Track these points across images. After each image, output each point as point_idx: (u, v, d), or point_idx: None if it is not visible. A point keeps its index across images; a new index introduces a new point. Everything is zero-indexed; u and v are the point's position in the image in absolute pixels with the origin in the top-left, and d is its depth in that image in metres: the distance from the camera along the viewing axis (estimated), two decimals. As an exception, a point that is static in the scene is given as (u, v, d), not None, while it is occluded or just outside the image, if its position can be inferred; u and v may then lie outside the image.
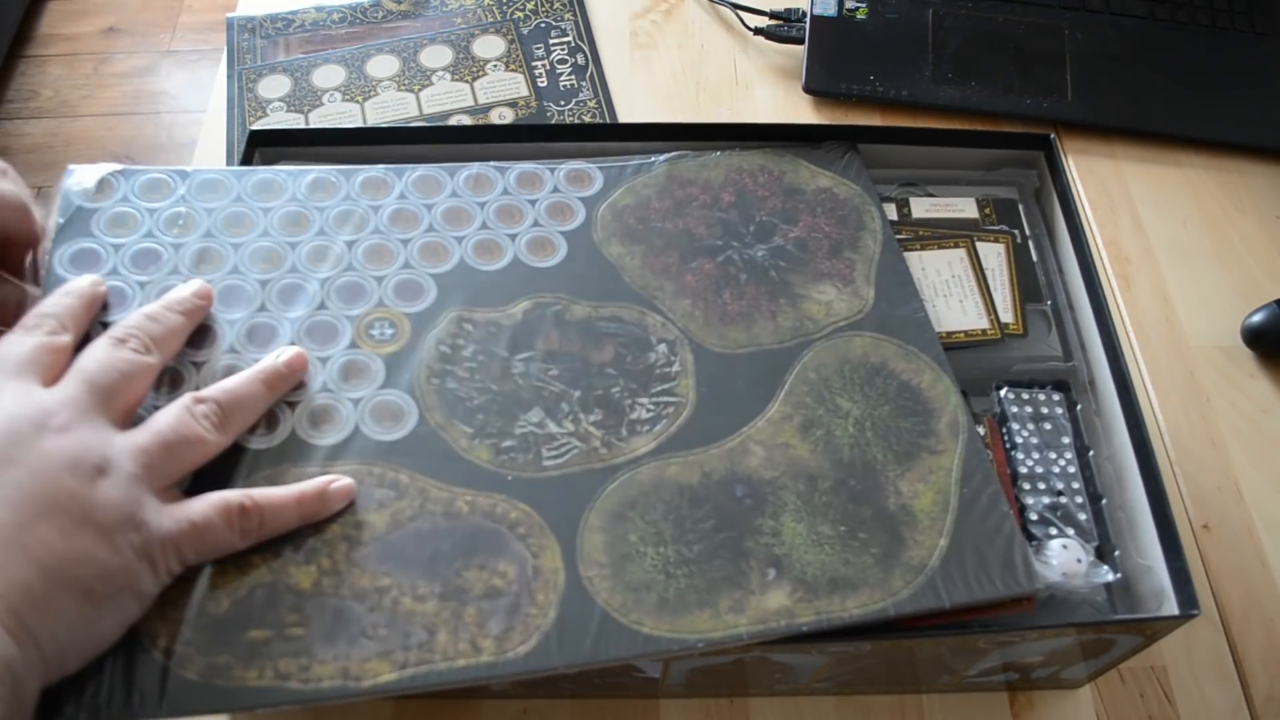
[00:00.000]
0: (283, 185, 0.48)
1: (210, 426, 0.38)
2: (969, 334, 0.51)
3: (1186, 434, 0.58)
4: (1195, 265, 0.65)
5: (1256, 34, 0.73)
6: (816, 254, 0.51)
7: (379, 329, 0.44)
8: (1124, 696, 0.50)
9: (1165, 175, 0.69)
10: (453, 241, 0.48)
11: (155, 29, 1.81)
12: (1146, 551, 0.45)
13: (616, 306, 0.47)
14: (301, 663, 0.36)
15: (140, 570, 0.35)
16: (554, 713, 0.49)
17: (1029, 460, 0.48)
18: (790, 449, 0.44)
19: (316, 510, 0.39)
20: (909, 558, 0.42)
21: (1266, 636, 0.52)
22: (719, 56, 0.74)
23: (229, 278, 0.45)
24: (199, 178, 0.48)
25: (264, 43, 0.72)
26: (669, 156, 0.53)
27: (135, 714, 0.34)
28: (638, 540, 0.41)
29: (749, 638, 0.39)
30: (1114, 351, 0.49)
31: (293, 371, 0.42)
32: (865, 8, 0.73)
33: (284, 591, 0.37)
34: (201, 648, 0.36)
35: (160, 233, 0.45)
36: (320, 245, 0.47)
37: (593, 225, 0.50)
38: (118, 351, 0.38)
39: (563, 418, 0.43)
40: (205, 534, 0.36)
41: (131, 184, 0.47)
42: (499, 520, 0.40)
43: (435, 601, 0.38)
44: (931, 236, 0.54)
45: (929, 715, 0.50)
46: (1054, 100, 0.70)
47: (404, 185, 0.49)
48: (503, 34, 0.73)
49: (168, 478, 0.37)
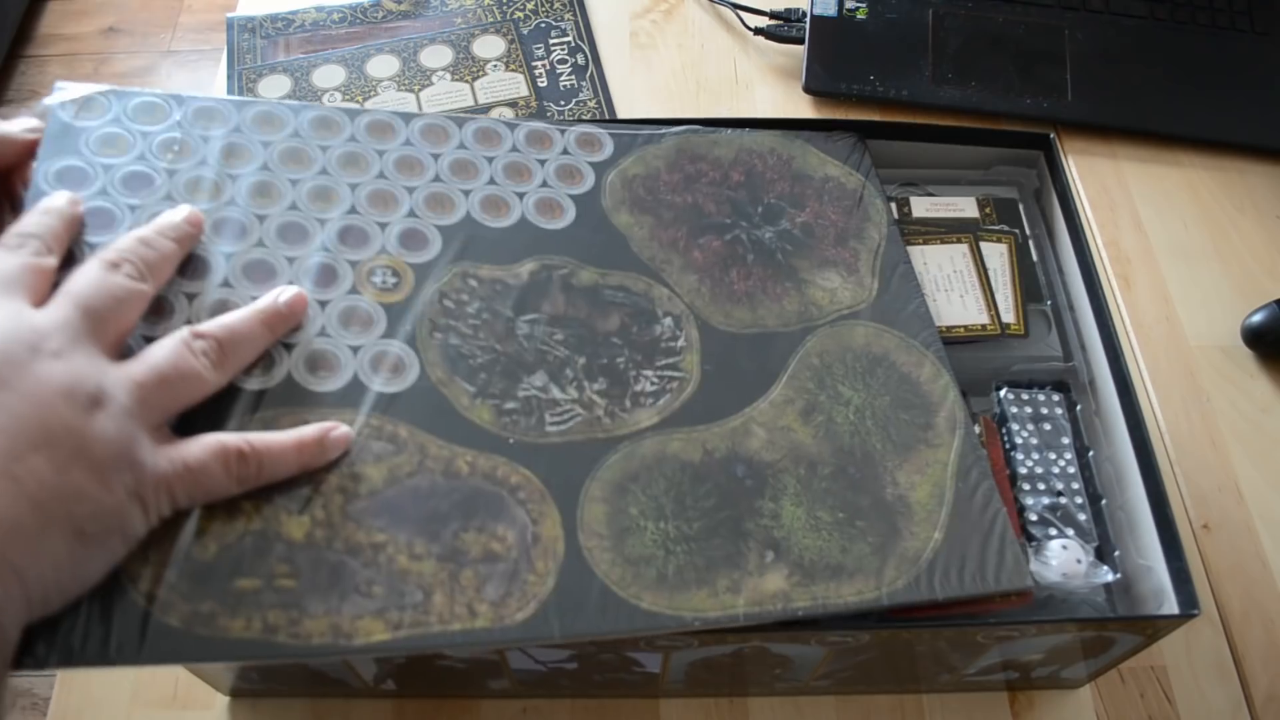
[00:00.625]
0: (284, 120, 0.46)
1: (208, 364, 0.36)
2: (969, 329, 0.51)
3: (1186, 434, 0.58)
4: (1195, 265, 0.65)
5: (1256, 34, 0.73)
6: (823, 241, 0.51)
7: (381, 276, 0.43)
8: (1124, 696, 0.50)
9: (1165, 175, 0.69)
10: (459, 194, 0.47)
11: (155, 29, 1.81)
12: (1146, 551, 0.45)
13: (623, 276, 0.47)
14: (291, 615, 0.35)
15: (131, 511, 0.33)
16: (554, 713, 0.49)
17: (1029, 460, 0.48)
18: (792, 432, 0.44)
19: (315, 458, 0.38)
20: (904, 548, 0.42)
21: (1266, 636, 0.52)
22: (719, 56, 0.74)
23: (225, 209, 0.43)
24: (195, 104, 0.45)
25: (264, 43, 0.72)
26: (679, 130, 0.53)
27: (112, 659, 0.33)
28: (638, 514, 0.40)
29: (745, 619, 0.39)
30: (1114, 351, 0.49)
31: (293, 313, 0.40)
32: (865, 8, 0.73)
33: (275, 541, 0.36)
34: (186, 594, 0.34)
35: (153, 156, 0.43)
36: (322, 185, 0.45)
37: (602, 192, 0.49)
38: (111, 276, 0.36)
39: (567, 384, 0.43)
40: (200, 478, 0.35)
41: (124, 105, 0.44)
42: (499, 483, 0.40)
43: (432, 561, 0.37)
44: (934, 231, 0.55)
45: (929, 715, 0.50)
46: (1054, 100, 0.70)
47: (410, 132, 0.48)
48: (503, 34, 0.73)
49: (162, 414, 0.35)
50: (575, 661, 0.44)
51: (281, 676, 0.46)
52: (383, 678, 0.46)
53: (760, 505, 0.42)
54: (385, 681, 0.47)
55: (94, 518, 0.32)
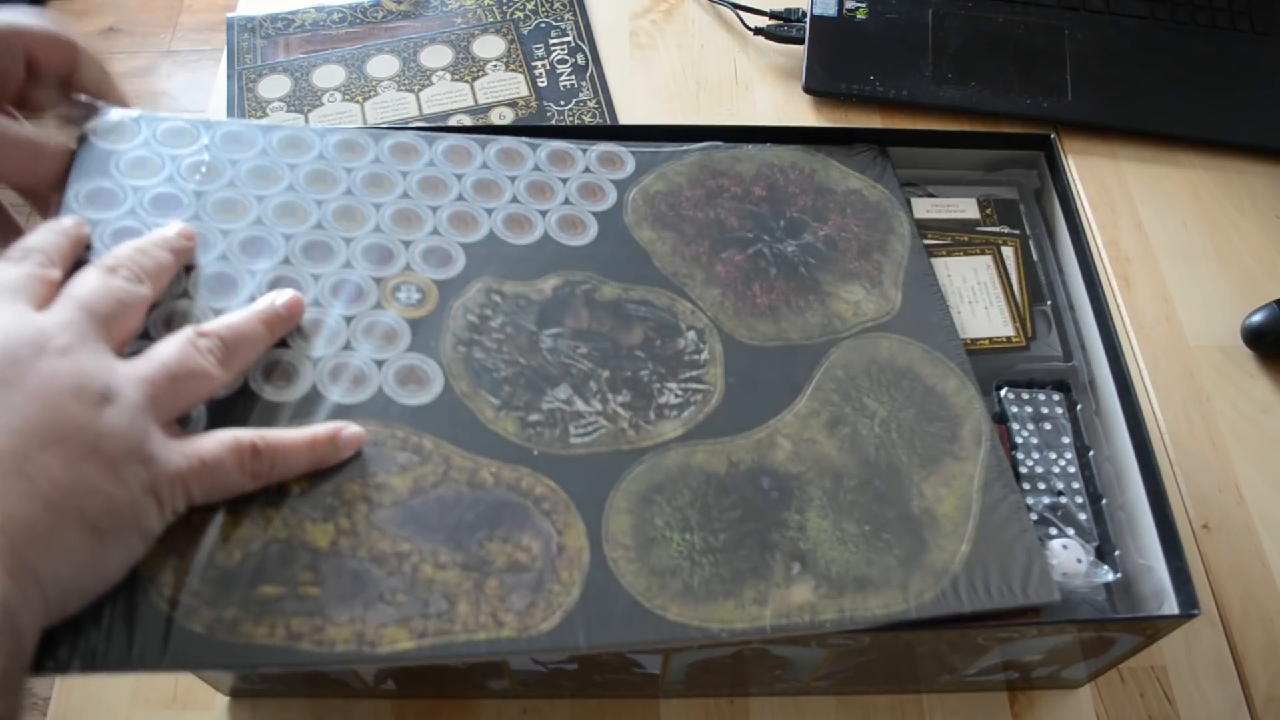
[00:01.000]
0: (309, 143, 0.47)
1: (214, 361, 0.37)
2: (993, 341, 0.51)
3: (1186, 434, 0.58)
4: (1195, 265, 0.65)
5: (1256, 34, 0.73)
6: (846, 254, 0.51)
7: (405, 293, 0.44)
8: (1124, 696, 0.50)
9: (1165, 175, 0.69)
10: (483, 213, 0.47)
11: (155, 29, 1.81)
12: (1146, 551, 0.45)
13: (646, 290, 0.47)
14: (315, 623, 0.35)
15: (147, 506, 0.33)
16: (554, 713, 0.49)
17: (1029, 460, 0.48)
18: (817, 445, 0.44)
19: (327, 456, 0.38)
20: (931, 561, 0.42)
21: (1266, 636, 0.52)
22: (719, 56, 0.74)
23: (252, 229, 0.44)
24: (224, 129, 0.46)
25: (264, 43, 0.72)
26: (701, 146, 0.53)
27: (134, 664, 0.33)
28: (664, 525, 0.40)
29: (773, 631, 0.39)
30: (1114, 351, 0.49)
31: (291, 314, 0.41)
32: (865, 8, 0.73)
33: (299, 549, 0.36)
34: (209, 600, 0.35)
35: (181, 179, 0.44)
36: (347, 205, 0.46)
37: (624, 208, 0.50)
38: (111, 280, 0.37)
39: (591, 396, 0.43)
40: (215, 473, 0.35)
41: (154, 129, 0.45)
42: (524, 494, 0.40)
43: (457, 571, 0.37)
44: (955, 244, 0.55)
45: (929, 715, 0.50)
46: (1054, 100, 0.70)
47: (433, 153, 0.49)
48: (503, 34, 0.73)
49: (172, 411, 0.35)
50: (575, 662, 0.44)
51: (282, 677, 0.46)
52: (383, 678, 0.46)
53: (786, 517, 0.42)
54: (385, 682, 0.47)
55: (108, 514, 0.32)
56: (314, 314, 0.42)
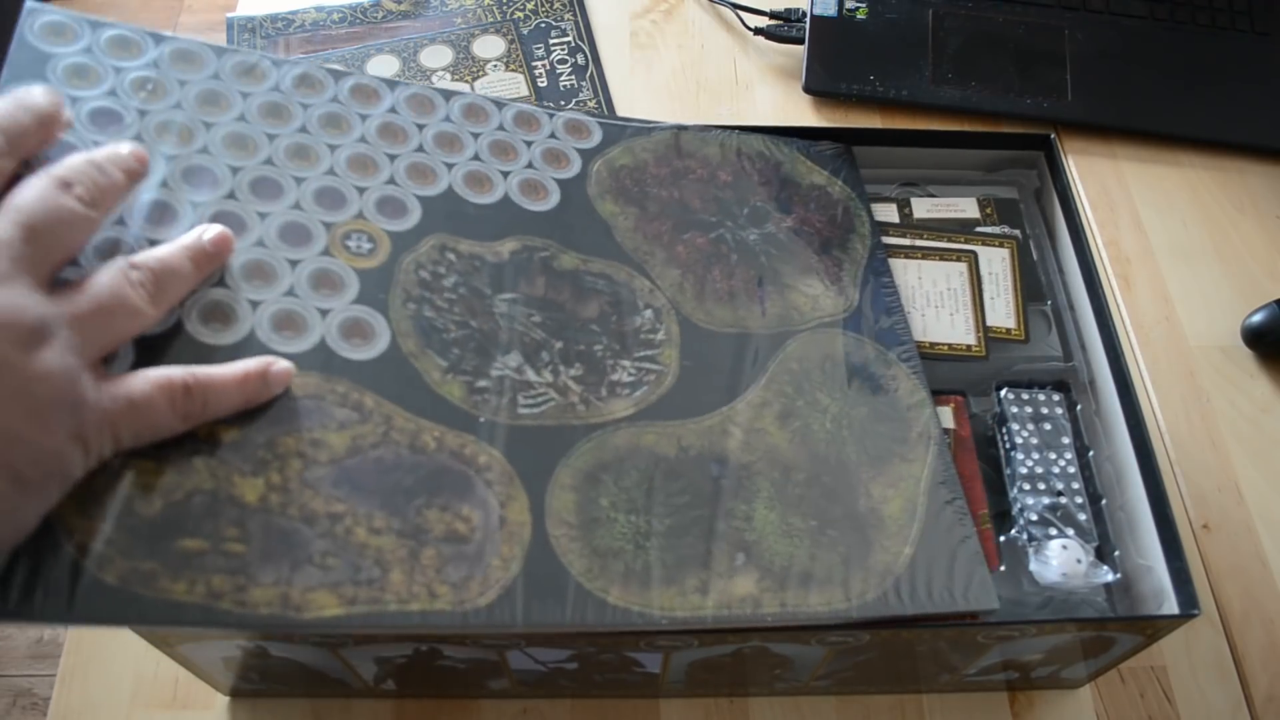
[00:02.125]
0: (266, 73, 0.44)
1: (145, 296, 0.34)
2: (953, 347, 0.52)
3: (1186, 434, 0.58)
4: (1195, 265, 0.65)
5: (1256, 34, 0.73)
6: (807, 248, 0.51)
7: (356, 241, 0.41)
8: (1124, 696, 0.50)
9: (1165, 175, 0.69)
10: (442, 166, 0.45)
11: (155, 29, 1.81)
12: (1146, 551, 0.45)
13: (605, 264, 0.46)
14: (237, 582, 0.33)
15: (72, 453, 0.31)
16: (554, 713, 0.49)
17: (1029, 460, 0.48)
18: (768, 435, 0.44)
19: (258, 392, 0.36)
20: (874, 562, 0.42)
21: (1266, 636, 0.52)
22: (719, 56, 0.74)
23: (197, 157, 0.40)
24: (174, 44, 0.43)
25: (264, 43, 0.72)
26: (669, 125, 0.53)
27: (37, 614, 0.31)
28: (609, 505, 0.40)
29: (714, 621, 0.38)
30: (1114, 351, 0.49)
31: (218, 251, 0.37)
32: (865, 8, 0.73)
33: (226, 502, 0.34)
34: (125, 550, 0.32)
35: (125, 94, 0.40)
36: (301, 143, 0.43)
37: (588, 178, 0.49)
38: (62, 197, 0.33)
39: (542, 367, 0.42)
40: (145, 414, 0.32)
41: (97, 36, 0.41)
42: (467, 462, 0.38)
43: (392, 537, 0.36)
44: (934, 248, 0.55)
45: (929, 715, 0.50)
46: (1054, 100, 0.70)
47: (395, 99, 0.46)
48: (503, 34, 0.73)
49: (100, 349, 0.33)
50: (575, 661, 0.44)
51: (281, 676, 0.46)
52: (383, 678, 0.46)
53: (733, 506, 0.41)
54: (385, 681, 0.47)
55: (33, 462, 0.30)
56: (257, 254, 0.39)
